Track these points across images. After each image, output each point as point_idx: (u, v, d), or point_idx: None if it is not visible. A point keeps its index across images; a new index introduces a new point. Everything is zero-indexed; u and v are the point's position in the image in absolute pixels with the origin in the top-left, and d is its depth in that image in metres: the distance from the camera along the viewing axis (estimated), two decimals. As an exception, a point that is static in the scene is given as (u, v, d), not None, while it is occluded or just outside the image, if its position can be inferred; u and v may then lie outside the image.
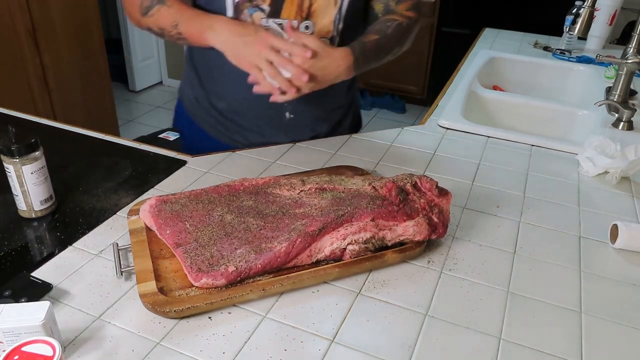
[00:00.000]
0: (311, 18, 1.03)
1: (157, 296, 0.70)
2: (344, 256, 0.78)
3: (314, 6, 1.01)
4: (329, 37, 1.06)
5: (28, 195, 0.86)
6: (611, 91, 1.39)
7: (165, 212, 0.82)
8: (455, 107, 1.36)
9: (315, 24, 1.03)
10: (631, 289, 0.79)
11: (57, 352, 0.56)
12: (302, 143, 1.17)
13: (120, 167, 1.04)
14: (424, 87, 3.79)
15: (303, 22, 1.03)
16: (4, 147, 0.82)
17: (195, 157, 1.09)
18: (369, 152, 1.14)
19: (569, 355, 0.67)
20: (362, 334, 0.69)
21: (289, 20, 1.01)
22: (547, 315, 0.73)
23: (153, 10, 1.02)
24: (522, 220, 0.94)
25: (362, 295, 0.75)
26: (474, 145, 1.20)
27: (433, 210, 0.83)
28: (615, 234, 0.87)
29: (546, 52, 1.91)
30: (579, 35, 1.31)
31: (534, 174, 1.09)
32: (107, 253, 0.81)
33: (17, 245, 0.82)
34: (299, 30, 1.00)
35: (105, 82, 2.73)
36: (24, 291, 0.70)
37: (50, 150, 0.88)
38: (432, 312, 0.72)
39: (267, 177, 0.92)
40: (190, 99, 1.23)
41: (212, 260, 0.73)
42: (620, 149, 1.10)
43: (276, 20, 1.01)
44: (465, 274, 0.80)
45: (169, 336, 0.67)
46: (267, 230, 0.80)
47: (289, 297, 0.74)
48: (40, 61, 2.34)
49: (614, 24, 1.89)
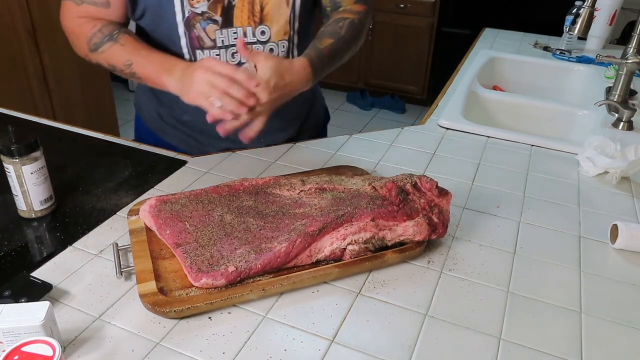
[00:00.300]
0: (265, 22, 1.00)
1: (157, 296, 0.70)
2: (344, 256, 0.78)
3: (266, 10, 0.99)
4: (286, 38, 1.03)
5: (28, 195, 0.86)
6: (611, 91, 1.39)
7: (165, 212, 0.82)
8: (455, 107, 1.36)
9: (270, 27, 1.01)
10: (631, 289, 0.79)
11: (57, 352, 0.56)
12: (302, 143, 1.17)
13: (120, 167, 1.04)
14: (424, 87, 3.79)
15: (258, 28, 1.00)
16: (4, 147, 0.82)
17: (195, 157, 1.09)
18: (369, 152, 1.14)
19: (569, 355, 0.67)
20: (362, 334, 0.68)
21: (242, 28, 0.99)
22: (547, 315, 0.73)
23: (103, 47, 0.98)
24: (522, 220, 0.94)
25: (362, 295, 0.75)
26: (474, 145, 1.20)
27: (433, 210, 0.83)
28: (615, 234, 0.87)
29: (546, 52, 1.91)
30: (579, 35, 1.31)
31: (534, 174, 1.09)
32: (107, 253, 0.81)
33: (17, 245, 0.82)
34: (252, 49, 0.93)
35: (105, 82, 2.72)
36: (23, 291, 0.70)
37: (50, 150, 0.88)
38: (432, 312, 0.72)
39: (267, 177, 0.92)
40: (151, 114, 1.18)
41: (212, 261, 0.73)
42: (620, 149, 1.10)
43: (231, 29, 0.99)
44: (465, 274, 0.80)
45: (169, 336, 0.67)
46: (267, 231, 0.80)
47: (289, 297, 0.74)
48: (40, 61, 2.34)
49: (614, 24, 1.89)
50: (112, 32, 0.99)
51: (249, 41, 1.01)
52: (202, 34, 0.99)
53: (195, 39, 0.99)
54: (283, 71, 0.91)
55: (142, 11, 0.99)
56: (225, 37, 1.00)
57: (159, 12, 0.97)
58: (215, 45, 1.00)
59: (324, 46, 1.00)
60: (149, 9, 0.98)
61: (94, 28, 0.99)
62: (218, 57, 1.01)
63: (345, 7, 1.06)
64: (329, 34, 1.02)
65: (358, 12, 1.05)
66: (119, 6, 0.99)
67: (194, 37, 0.99)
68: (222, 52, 1.01)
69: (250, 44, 1.01)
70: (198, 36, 0.99)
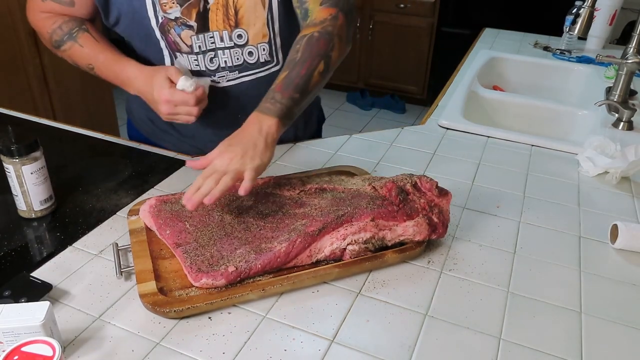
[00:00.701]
0: (241, 25, 0.97)
1: (157, 296, 0.70)
2: (344, 256, 0.78)
3: (240, 13, 0.95)
4: (265, 40, 1.00)
5: (28, 195, 0.86)
6: (611, 91, 1.39)
7: (165, 212, 0.82)
8: (455, 107, 1.36)
9: (247, 31, 0.98)
10: (631, 289, 0.79)
11: (56, 352, 0.56)
12: (302, 143, 1.17)
13: (120, 167, 1.04)
14: (424, 87, 3.79)
15: (234, 31, 0.97)
16: (4, 147, 0.82)
17: (195, 157, 1.09)
18: (369, 152, 1.14)
19: (569, 355, 0.67)
20: (362, 334, 0.68)
21: (218, 32, 0.96)
22: (547, 315, 0.73)
23: (65, 47, 0.98)
24: (522, 220, 0.94)
25: (362, 295, 0.75)
26: (474, 145, 1.20)
27: (433, 210, 0.83)
28: (615, 234, 0.87)
29: (546, 52, 1.90)
30: (579, 35, 1.31)
31: (534, 174, 1.09)
32: (107, 253, 0.81)
33: (17, 245, 0.82)
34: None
35: (105, 82, 2.72)
36: (23, 291, 0.70)
37: (50, 150, 0.88)
38: (432, 312, 0.72)
39: (267, 177, 0.92)
40: (143, 120, 1.16)
41: (212, 261, 0.73)
42: (620, 149, 1.10)
43: (207, 34, 0.97)
44: (465, 274, 0.80)
45: (169, 336, 0.67)
46: (267, 230, 0.80)
47: (289, 297, 0.74)
48: (40, 61, 2.34)
49: (614, 24, 1.89)
50: (71, 30, 0.98)
51: (225, 46, 0.98)
52: (177, 40, 0.97)
53: (172, 43, 0.98)
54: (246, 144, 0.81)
55: (116, 18, 0.97)
56: (202, 43, 0.97)
57: (133, 17, 0.95)
58: (192, 51, 0.98)
59: (276, 85, 0.88)
60: (124, 16, 0.96)
61: (54, 24, 0.98)
62: (196, 61, 0.99)
63: (312, 18, 0.95)
64: (287, 63, 0.91)
65: (322, 20, 0.93)
66: (84, 5, 0.97)
67: (170, 41, 0.97)
68: (199, 57, 0.99)
69: (227, 48, 0.99)
70: (174, 41, 0.97)
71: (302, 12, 0.97)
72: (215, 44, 0.98)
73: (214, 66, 1.01)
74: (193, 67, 1.00)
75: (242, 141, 0.81)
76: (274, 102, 0.85)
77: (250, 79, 1.04)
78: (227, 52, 0.99)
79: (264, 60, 1.03)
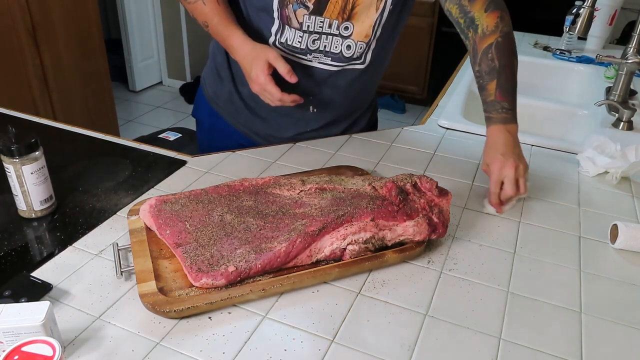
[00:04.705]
0: (351, 20, 1.03)
1: (157, 296, 0.70)
2: (344, 256, 0.78)
3: (356, 9, 1.02)
4: (366, 41, 1.06)
5: (28, 195, 0.86)
6: (611, 91, 1.39)
7: (165, 212, 0.82)
8: (455, 107, 1.36)
9: (354, 26, 1.04)
10: (631, 289, 0.79)
11: (57, 352, 0.55)
12: (302, 143, 1.17)
13: (120, 167, 1.04)
14: (424, 87, 3.79)
15: (343, 23, 1.03)
16: (4, 147, 0.82)
17: (195, 157, 1.09)
18: (369, 152, 1.14)
19: (569, 355, 0.67)
20: (362, 334, 0.68)
21: (329, 20, 1.02)
22: (547, 315, 0.73)
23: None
24: (522, 220, 0.94)
25: (362, 295, 0.75)
26: (474, 145, 1.20)
27: (433, 210, 0.83)
28: (615, 234, 0.87)
29: (546, 52, 1.91)
30: (579, 35, 1.31)
31: (534, 174, 1.08)
32: (107, 253, 0.81)
33: (17, 245, 0.82)
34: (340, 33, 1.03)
35: (105, 82, 2.72)
36: (24, 291, 0.70)
37: (50, 150, 0.88)
38: (432, 312, 0.72)
39: (267, 177, 0.92)
40: (211, 85, 1.23)
41: (212, 260, 0.73)
42: (620, 149, 1.10)
43: (318, 17, 1.02)
44: (465, 274, 0.80)
45: (169, 336, 0.67)
46: (267, 230, 0.80)
47: (289, 297, 0.74)
48: (40, 61, 2.34)
49: (614, 24, 1.89)
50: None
51: (331, 32, 1.04)
52: (291, 15, 1.02)
53: (286, 17, 1.03)
54: (507, 151, 0.96)
55: None
56: (312, 24, 1.03)
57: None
58: (300, 28, 1.03)
59: (496, 95, 1.00)
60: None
61: None
62: (300, 37, 1.04)
63: (485, 26, 1.03)
64: (488, 74, 1.02)
65: (496, 25, 1.02)
66: None
67: (284, 15, 1.02)
68: (305, 35, 1.04)
69: (331, 35, 1.04)
70: (288, 15, 1.02)
71: (466, 21, 1.06)
72: (322, 29, 1.03)
73: (314, 47, 1.06)
74: (296, 43, 1.05)
75: (514, 151, 0.97)
76: (507, 111, 0.99)
77: (337, 69, 1.09)
78: (330, 38, 1.05)
79: (356, 56, 1.08)
